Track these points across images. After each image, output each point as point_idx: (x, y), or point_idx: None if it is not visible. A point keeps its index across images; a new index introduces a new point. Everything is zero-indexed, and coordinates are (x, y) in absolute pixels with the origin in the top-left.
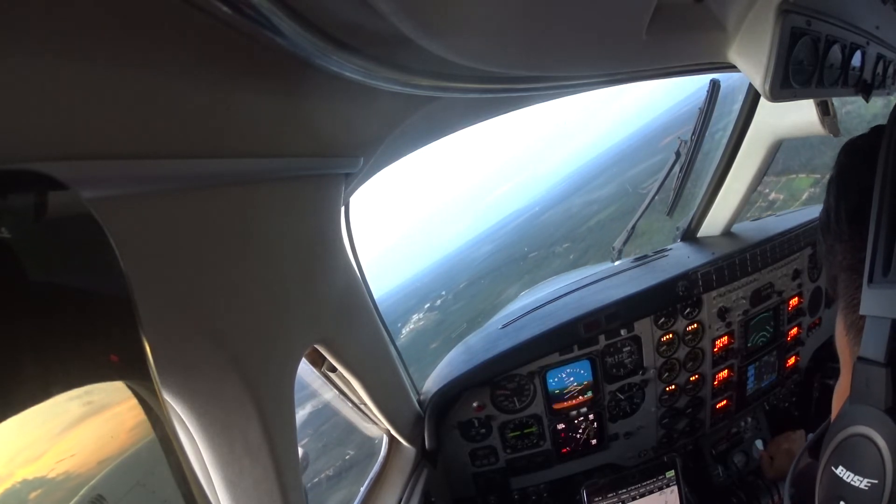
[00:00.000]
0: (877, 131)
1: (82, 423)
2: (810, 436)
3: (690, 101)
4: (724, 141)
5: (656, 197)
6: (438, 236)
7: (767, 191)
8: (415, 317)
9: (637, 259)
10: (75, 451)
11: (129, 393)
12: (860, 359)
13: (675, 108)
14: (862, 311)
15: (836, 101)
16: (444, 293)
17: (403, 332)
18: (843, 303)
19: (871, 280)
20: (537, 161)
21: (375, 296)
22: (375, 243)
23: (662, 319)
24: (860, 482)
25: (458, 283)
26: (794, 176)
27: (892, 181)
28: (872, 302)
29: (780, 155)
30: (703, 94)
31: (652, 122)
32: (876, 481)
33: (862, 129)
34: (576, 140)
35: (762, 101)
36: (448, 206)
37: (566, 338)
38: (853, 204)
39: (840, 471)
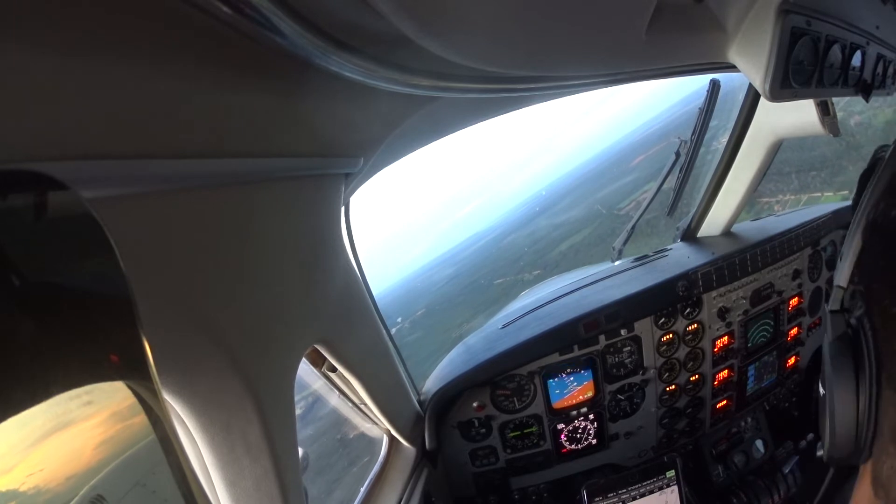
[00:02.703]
0: None
1: (82, 424)
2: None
3: (662, 119)
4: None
5: (656, 197)
6: (397, 258)
7: (789, 211)
8: None
9: (637, 259)
10: (75, 451)
11: (129, 393)
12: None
13: (648, 125)
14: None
15: (844, 112)
16: (399, 321)
17: None
18: None
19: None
20: (499, 182)
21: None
22: None
23: (662, 319)
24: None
25: (416, 309)
26: (818, 195)
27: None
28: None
29: (791, 169)
30: (678, 111)
31: (622, 141)
32: (823, 393)
33: (872, 139)
34: (539, 161)
35: (762, 101)
36: (407, 229)
37: (566, 338)
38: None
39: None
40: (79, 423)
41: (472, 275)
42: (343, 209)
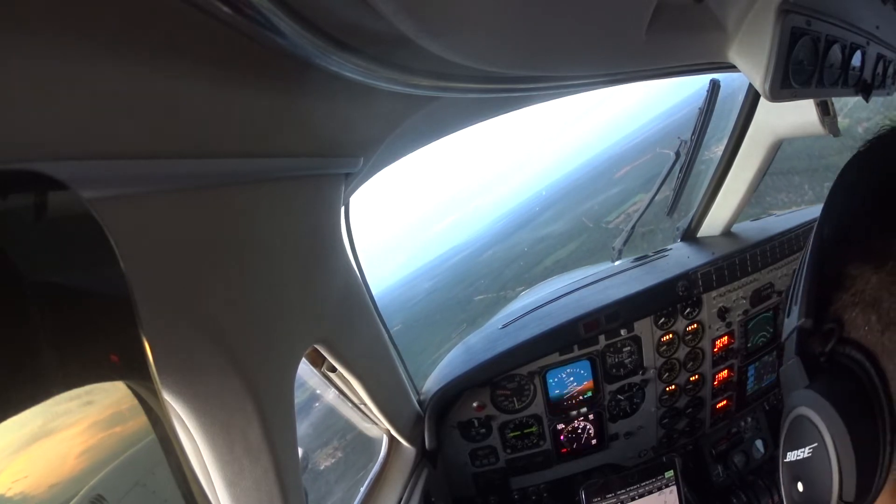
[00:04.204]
0: None
1: (82, 424)
2: None
3: (647, 130)
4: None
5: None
6: (373, 271)
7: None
8: None
9: (637, 259)
10: (75, 451)
11: (129, 393)
12: (781, 370)
13: (631, 137)
14: (782, 339)
15: (849, 119)
16: None
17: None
18: None
19: (787, 315)
20: (478, 196)
21: None
22: None
23: (662, 319)
24: (803, 453)
25: (392, 325)
26: None
27: (818, 227)
28: (787, 328)
29: (803, 180)
30: (662, 122)
31: (605, 152)
32: (816, 444)
33: None
34: (517, 175)
35: (762, 100)
36: (383, 241)
37: (566, 338)
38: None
39: (788, 456)
40: (79, 424)
41: (451, 290)
42: (343, 209)
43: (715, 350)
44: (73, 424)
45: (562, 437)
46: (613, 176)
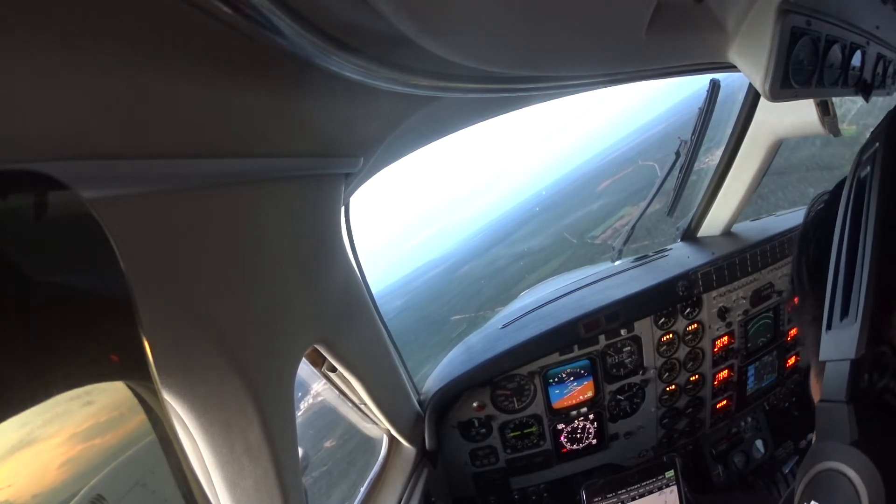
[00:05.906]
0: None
1: (82, 423)
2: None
3: (627, 143)
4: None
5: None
6: None
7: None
8: (310, 397)
9: (637, 259)
10: (75, 451)
11: (129, 393)
12: (821, 401)
13: (611, 149)
14: (822, 358)
15: (856, 125)
16: None
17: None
18: (812, 356)
19: (829, 327)
20: (453, 211)
21: None
22: None
23: (662, 319)
24: None
25: None
26: None
27: (852, 225)
28: (831, 346)
29: (817, 190)
30: (643, 134)
31: (584, 165)
32: None
33: None
34: (498, 186)
35: (762, 100)
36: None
37: (566, 338)
38: (814, 257)
39: None
40: (79, 423)
41: (425, 308)
42: (343, 209)
43: (715, 350)
44: (72, 424)
45: (562, 437)
46: (595, 189)
